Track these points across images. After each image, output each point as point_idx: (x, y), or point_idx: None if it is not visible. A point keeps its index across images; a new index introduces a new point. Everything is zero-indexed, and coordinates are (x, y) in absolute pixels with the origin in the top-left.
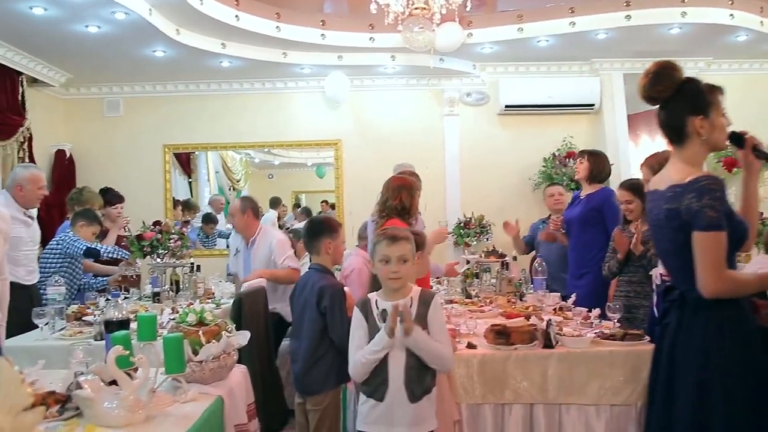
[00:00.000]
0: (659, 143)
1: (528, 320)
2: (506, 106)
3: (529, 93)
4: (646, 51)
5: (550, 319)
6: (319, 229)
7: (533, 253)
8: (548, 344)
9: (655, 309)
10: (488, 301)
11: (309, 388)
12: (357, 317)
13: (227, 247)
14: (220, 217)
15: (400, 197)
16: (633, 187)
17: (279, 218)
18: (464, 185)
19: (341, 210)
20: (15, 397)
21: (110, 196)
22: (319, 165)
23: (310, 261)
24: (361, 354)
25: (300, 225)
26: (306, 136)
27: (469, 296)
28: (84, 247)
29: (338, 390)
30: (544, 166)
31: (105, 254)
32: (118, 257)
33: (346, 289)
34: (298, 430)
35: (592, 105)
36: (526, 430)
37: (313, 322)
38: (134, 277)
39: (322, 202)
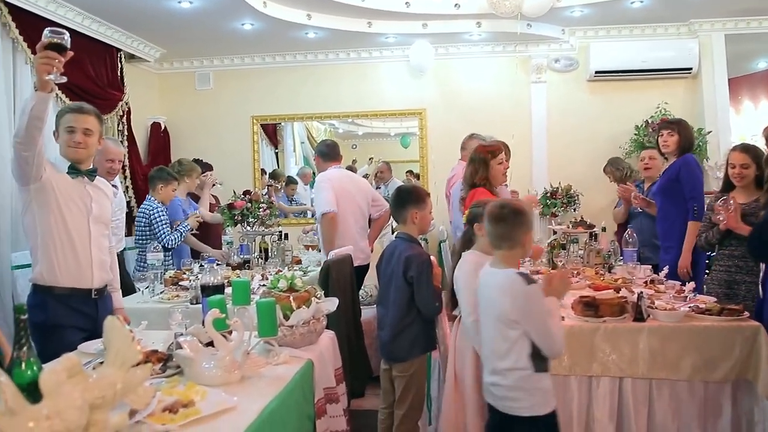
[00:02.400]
0: (763, 109)
1: (618, 293)
2: (596, 72)
3: (621, 57)
4: (751, 8)
5: (641, 292)
6: (406, 199)
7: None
8: (639, 317)
9: (760, 288)
10: (575, 272)
11: (395, 355)
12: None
13: None
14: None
15: (477, 168)
16: (750, 149)
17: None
18: (551, 154)
19: (425, 179)
20: (126, 354)
21: (200, 166)
22: (404, 135)
23: (392, 230)
24: (558, 326)
25: (392, 182)
26: (390, 105)
27: (555, 267)
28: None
29: (424, 358)
30: (636, 134)
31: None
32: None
33: (432, 258)
34: (383, 396)
35: (690, 69)
36: (614, 404)
37: (399, 291)
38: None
39: (407, 172)
